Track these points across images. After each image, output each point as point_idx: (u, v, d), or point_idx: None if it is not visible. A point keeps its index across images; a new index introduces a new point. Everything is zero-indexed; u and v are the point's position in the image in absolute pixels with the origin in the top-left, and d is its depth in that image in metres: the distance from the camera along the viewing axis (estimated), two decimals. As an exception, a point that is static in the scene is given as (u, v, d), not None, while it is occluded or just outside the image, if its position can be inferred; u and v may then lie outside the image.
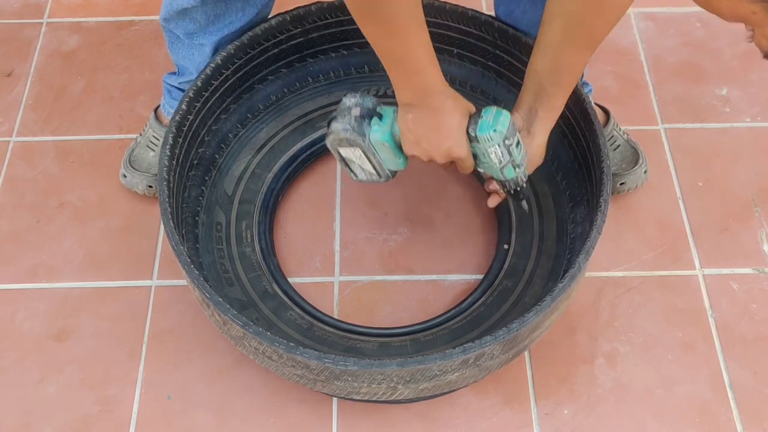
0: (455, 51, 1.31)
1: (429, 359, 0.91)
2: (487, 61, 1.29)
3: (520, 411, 1.14)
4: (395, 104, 1.01)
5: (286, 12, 1.24)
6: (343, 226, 1.32)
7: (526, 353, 1.18)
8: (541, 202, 1.26)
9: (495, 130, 0.97)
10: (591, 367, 1.18)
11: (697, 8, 1.61)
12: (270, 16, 1.23)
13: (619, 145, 1.31)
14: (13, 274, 1.27)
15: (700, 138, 1.42)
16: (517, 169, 1.03)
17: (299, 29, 1.26)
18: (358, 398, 1.01)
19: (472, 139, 0.99)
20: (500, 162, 1.01)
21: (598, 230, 1.01)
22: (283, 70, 1.31)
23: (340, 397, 1.13)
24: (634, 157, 1.31)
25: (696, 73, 1.50)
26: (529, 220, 1.25)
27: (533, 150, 1.05)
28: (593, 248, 1.00)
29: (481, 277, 1.24)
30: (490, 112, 0.99)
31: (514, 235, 1.24)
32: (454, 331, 1.16)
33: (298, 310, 1.18)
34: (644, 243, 1.29)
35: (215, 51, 1.20)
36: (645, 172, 1.31)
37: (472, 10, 1.23)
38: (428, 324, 1.18)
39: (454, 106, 0.98)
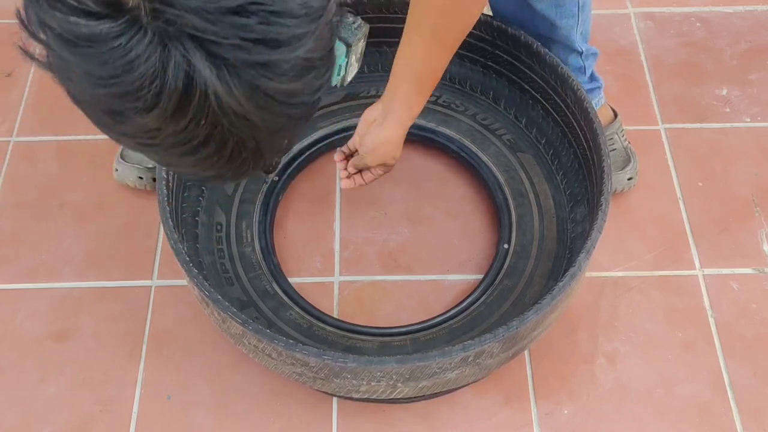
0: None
1: (428, 357, 0.91)
2: (487, 61, 1.29)
3: (520, 411, 1.14)
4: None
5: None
6: (343, 226, 1.32)
7: (526, 353, 1.18)
8: (541, 201, 1.26)
9: None
10: (591, 367, 1.18)
11: (697, 8, 1.62)
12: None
13: (615, 149, 1.31)
14: (13, 274, 1.27)
15: (700, 138, 1.42)
16: None
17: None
18: (358, 397, 1.01)
19: None
20: None
21: (598, 229, 1.01)
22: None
23: (340, 396, 1.13)
24: (624, 163, 1.30)
25: (696, 73, 1.50)
26: (529, 220, 1.25)
27: (380, 140, 1.05)
28: (594, 247, 1.00)
29: (481, 276, 1.24)
30: None
31: (514, 235, 1.24)
32: (454, 331, 1.16)
33: (298, 309, 1.18)
34: (644, 243, 1.29)
35: None
36: (629, 179, 1.30)
37: (472, 9, 1.23)
38: (428, 324, 1.18)
39: None
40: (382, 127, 1.03)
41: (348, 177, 1.15)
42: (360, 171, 1.14)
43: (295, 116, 0.57)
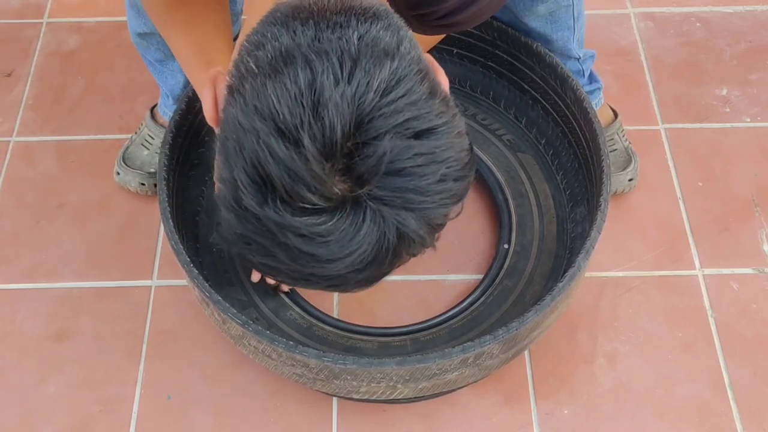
0: (455, 51, 1.31)
1: (428, 358, 0.91)
2: (487, 61, 1.29)
3: (520, 411, 1.14)
4: None
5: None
6: (343, 226, 1.31)
7: (526, 353, 1.18)
8: (541, 201, 1.26)
9: None
10: (591, 367, 1.18)
11: (697, 8, 1.62)
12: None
13: (616, 149, 1.31)
14: (13, 274, 1.27)
15: (700, 138, 1.42)
16: None
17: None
18: (358, 397, 1.01)
19: None
20: None
21: (598, 229, 1.01)
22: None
23: (340, 397, 1.13)
24: (625, 163, 1.30)
25: (696, 73, 1.50)
26: (529, 220, 1.25)
27: None
28: (593, 248, 1.00)
29: (481, 277, 1.24)
30: None
31: (514, 235, 1.24)
32: (454, 331, 1.16)
33: (298, 309, 1.18)
34: (644, 243, 1.29)
35: None
36: (630, 180, 1.30)
37: (472, 10, 1.23)
38: (428, 324, 1.18)
39: None
40: None
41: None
42: None
43: None
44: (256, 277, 1.15)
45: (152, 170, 1.31)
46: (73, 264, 1.28)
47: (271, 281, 1.17)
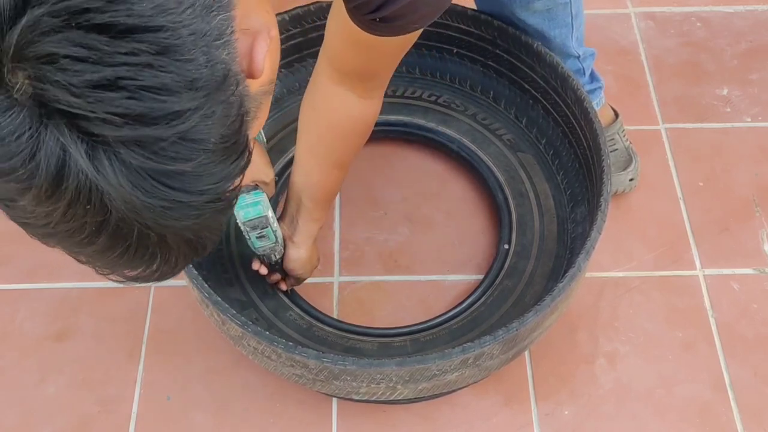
0: (455, 50, 1.31)
1: (428, 359, 0.91)
2: (487, 60, 1.29)
3: (520, 411, 1.14)
4: None
5: (285, 12, 1.24)
6: (343, 226, 1.31)
7: (526, 353, 1.18)
8: (541, 201, 1.26)
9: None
10: (591, 367, 1.17)
11: (698, 8, 1.62)
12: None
13: (616, 149, 1.31)
14: (13, 274, 1.27)
15: (701, 138, 1.41)
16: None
17: (298, 29, 1.26)
18: (358, 398, 1.01)
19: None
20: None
21: (598, 230, 1.01)
22: (282, 70, 1.31)
23: (340, 397, 1.13)
24: (626, 163, 1.30)
25: (696, 73, 1.50)
26: (529, 220, 1.25)
27: (301, 260, 1.12)
28: (593, 248, 1.00)
29: (481, 277, 1.23)
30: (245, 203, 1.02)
31: (514, 235, 1.24)
32: (454, 332, 1.16)
33: (297, 310, 1.18)
34: (645, 243, 1.29)
35: None
36: (631, 179, 1.29)
37: (472, 9, 1.23)
38: (428, 324, 1.17)
39: None
40: (296, 247, 1.10)
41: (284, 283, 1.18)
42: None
43: (196, 205, 0.50)
44: (256, 264, 1.14)
45: None
46: (73, 264, 1.26)
47: (270, 277, 1.15)
